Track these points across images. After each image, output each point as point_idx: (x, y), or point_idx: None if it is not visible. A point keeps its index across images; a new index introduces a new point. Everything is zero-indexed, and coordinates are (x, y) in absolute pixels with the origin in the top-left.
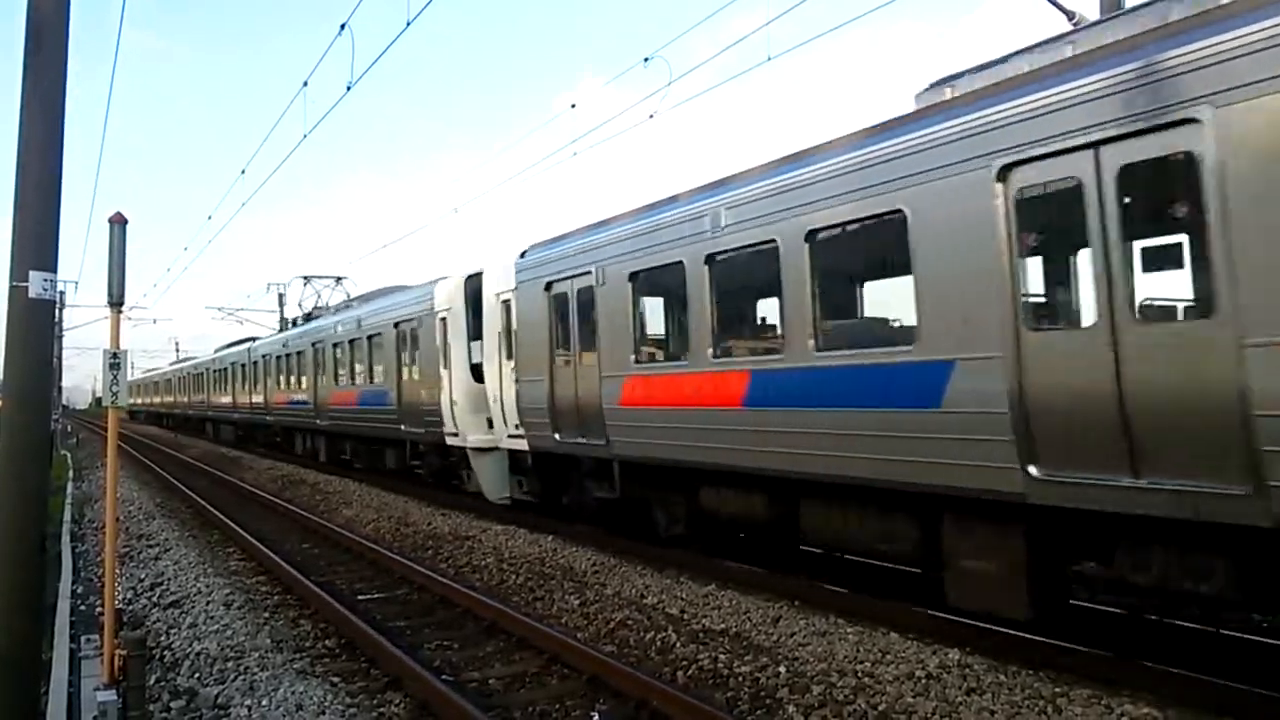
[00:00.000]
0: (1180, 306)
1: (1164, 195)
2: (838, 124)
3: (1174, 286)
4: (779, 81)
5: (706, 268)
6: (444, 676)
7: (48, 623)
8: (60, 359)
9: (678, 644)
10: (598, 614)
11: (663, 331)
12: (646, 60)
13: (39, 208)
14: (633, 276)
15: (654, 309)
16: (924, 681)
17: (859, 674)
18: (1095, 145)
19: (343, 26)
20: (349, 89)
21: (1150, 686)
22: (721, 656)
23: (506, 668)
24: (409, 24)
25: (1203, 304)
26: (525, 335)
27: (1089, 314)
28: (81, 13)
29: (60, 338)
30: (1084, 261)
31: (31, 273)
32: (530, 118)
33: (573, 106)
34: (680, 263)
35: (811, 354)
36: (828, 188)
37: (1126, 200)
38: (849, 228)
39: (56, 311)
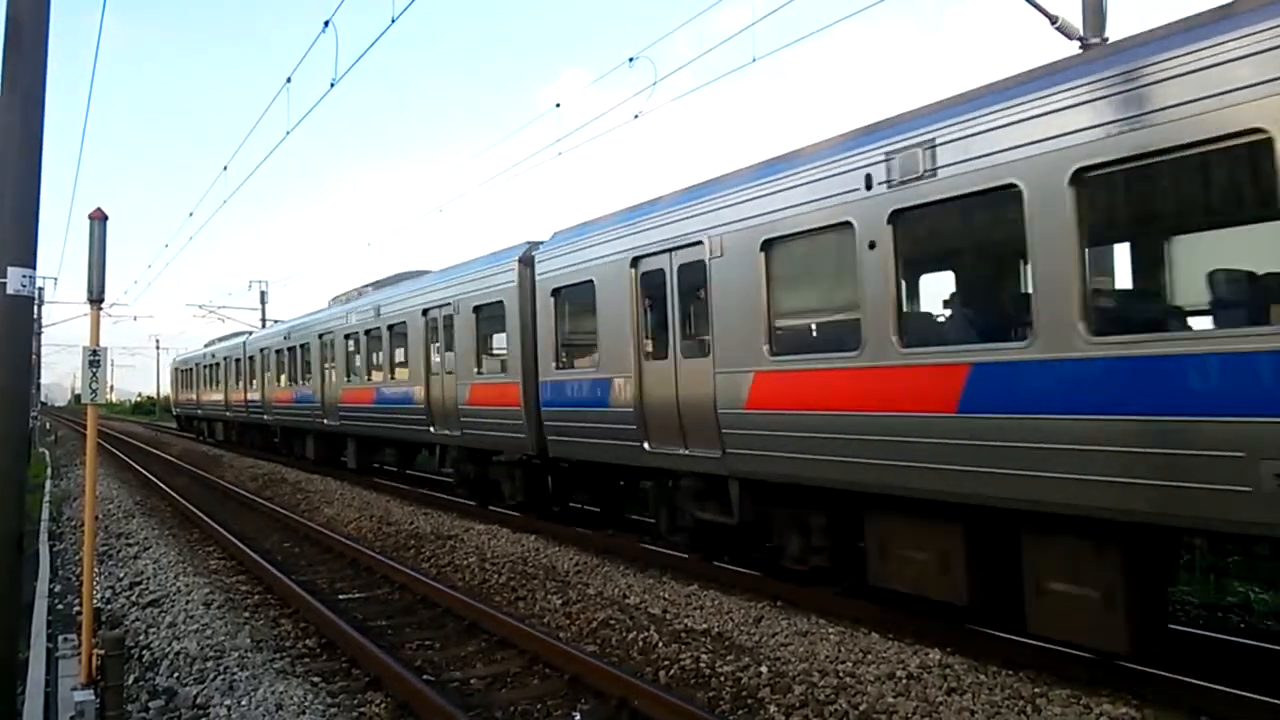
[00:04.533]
0: (699, 350)
1: (696, 282)
2: (825, 123)
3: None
4: (763, 82)
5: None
6: (425, 676)
7: (25, 622)
8: (39, 356)
9: (660, 644)
10: (580, 614)
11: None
12: (631, 60)
13: (18, 203)
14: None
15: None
16: (905, 681)
17: (840, 674)
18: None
19: (326, 23)
20: (333, 85)
21: (1129, 687)
22: (703, 656)
23: (488, 667)
24: (394, 21)
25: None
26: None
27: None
28: (61, 6)
29: (39, 334)
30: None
31: (10, 268)
32: (514, 114)
33: (557, 106)
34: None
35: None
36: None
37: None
38: None
39: (35, 308)
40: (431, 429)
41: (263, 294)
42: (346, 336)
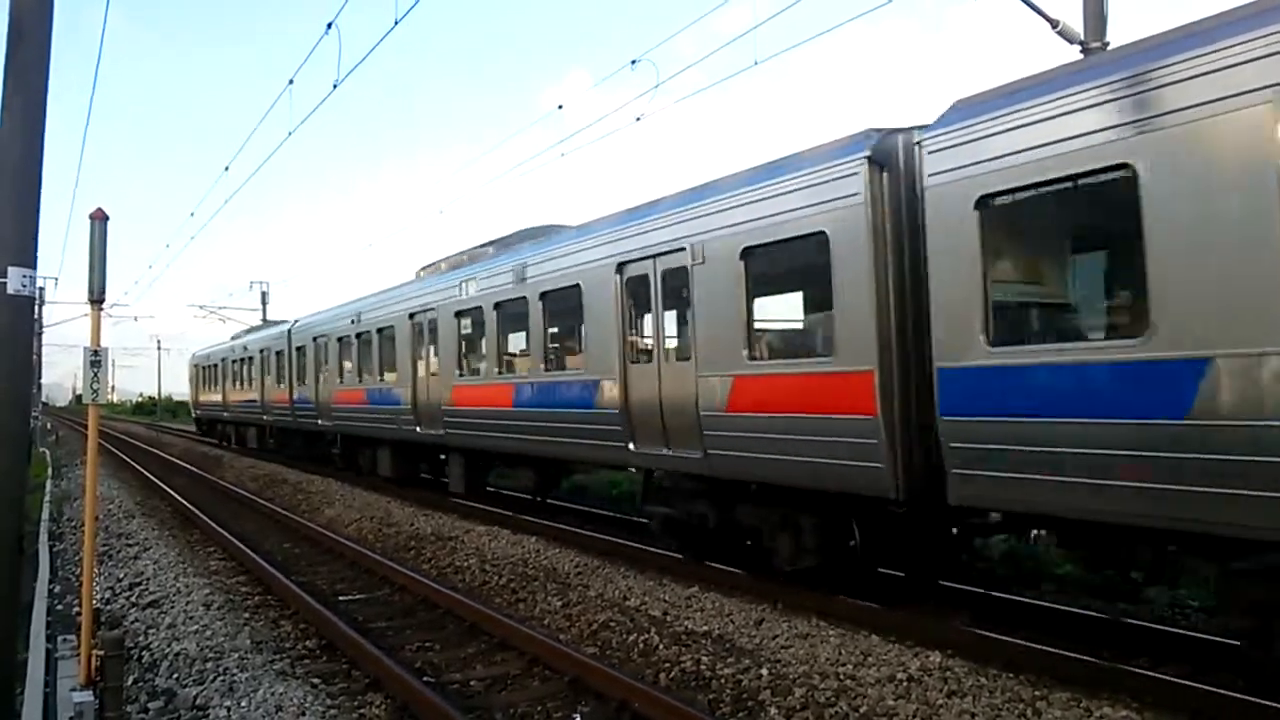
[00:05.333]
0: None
1: (679, 286)
2: (825, 125)
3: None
4: (766, 84)
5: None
6: (425, 678)
7: (24, 622)
8: (40, 356)
9: (660, 646)
10: (580, 616)
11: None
12: (634, 63)
13: (19, 203)
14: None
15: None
16: (905, 684)
17: (841, 676)
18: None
19: (330, 25)
20: (335, 87)
21: (1129, 689)
22: (704, 659)
23: (488, 669)
24: (396, 23)
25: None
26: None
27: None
28: (64, 6)
29: (40, 334)
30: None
31: (11, 268)
32: (517, 115)
33: (560, 108)
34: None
35: None
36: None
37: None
38: None
39: (36, 308)
40: (631, 445)
41: (264, 294)
42: (460, 314)
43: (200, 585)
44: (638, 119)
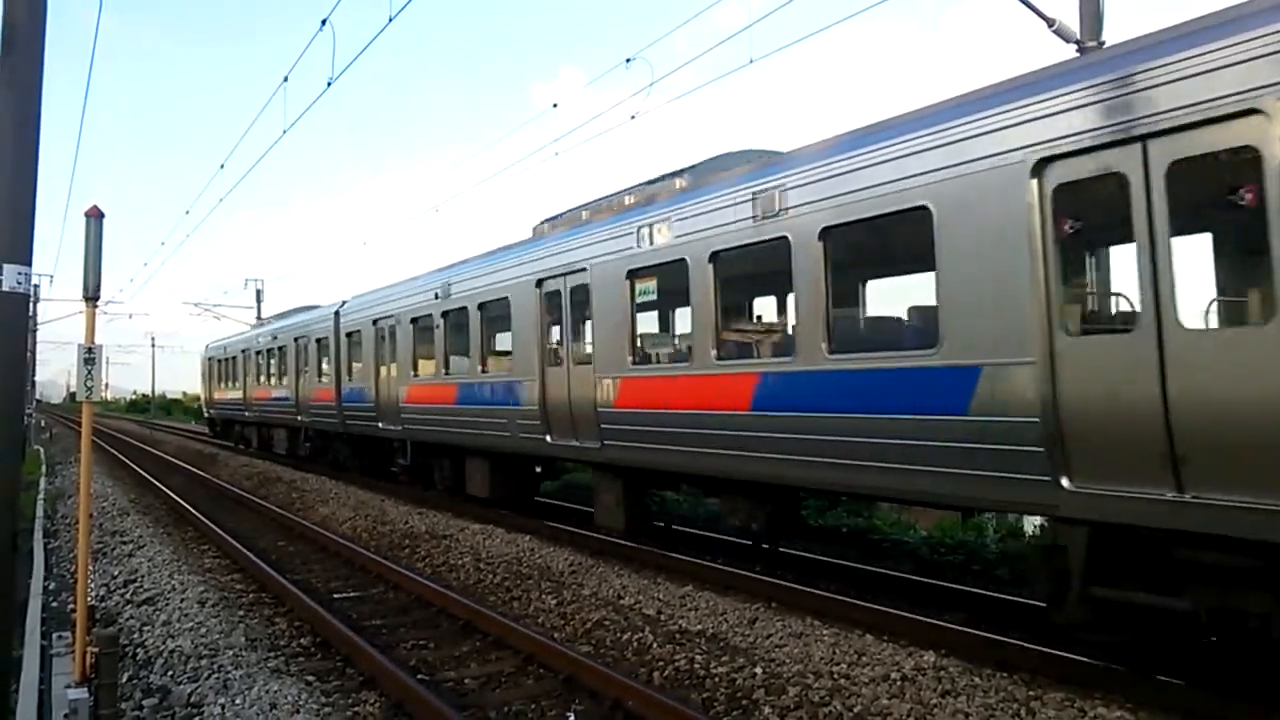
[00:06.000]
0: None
1: (583, 300)
2: (820, 124)
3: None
4: (761, 82)
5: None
6: (419, 676)
7: (19, 619)
8: (34, 353)
9: (654, 644)
10: (574, 614)
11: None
12: (628, 61)
13: (14, 200)
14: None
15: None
16: (899, 683)
17: (835, 675)
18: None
19: (324, 22)
20: (330, 84)
21: (1123, 690)
22: (698, 657)
23: (482, 667)
24: (391, 20)
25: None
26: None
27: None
28: (58, 3)
29: (35, 331)
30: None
31: (6, 266)
32: (511, 114)
33: (554, 106)
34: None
35: None
36: None
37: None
38: None
39: (31, 305)
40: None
41: (258, 292)
42: (636, 274)
43: (195, 583)
44: (632, 117)
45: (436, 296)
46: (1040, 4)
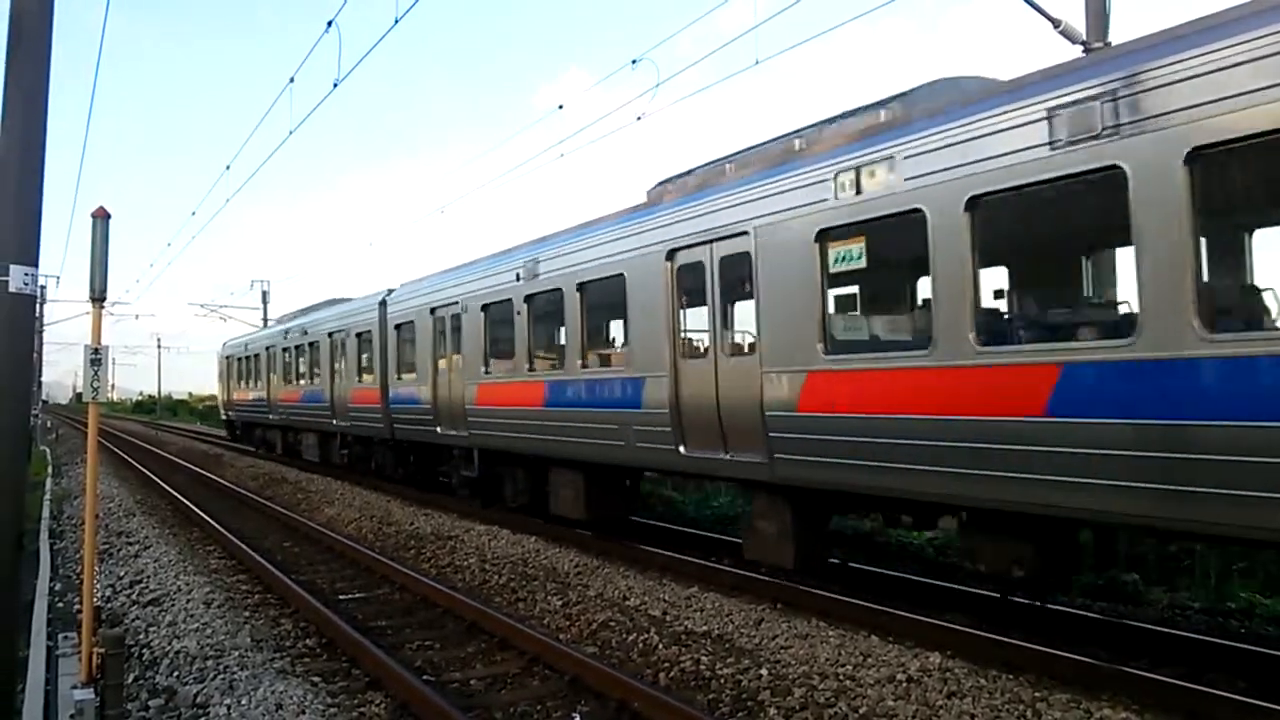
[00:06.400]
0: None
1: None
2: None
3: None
4: (766, 83)
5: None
6: (425, 677)
7: (25, 620)
8: (41, 354)
9: (660, 646)
10: (580, 615)
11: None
12: (634, 62)
13: (21, 201)
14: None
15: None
16: (905, 685)
17: (840, 677)
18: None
19: (330, 23)
20: (336, 86)
21: (1129, 691)
22: (703, 659)
23: (487, 668)
24: (397, 21)
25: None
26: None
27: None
28: (64, 3)
29: (41, 333)
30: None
31: (13, 267)
32: (517, 115)
33: (560, 107)
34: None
35: None
36: None
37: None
38: None
39: (37, 306)
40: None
41: (264, 293)
42: (825, 235)
43: (200, 583)
44: (638, 118)
45: (518, 278)
46: (1047, 6)
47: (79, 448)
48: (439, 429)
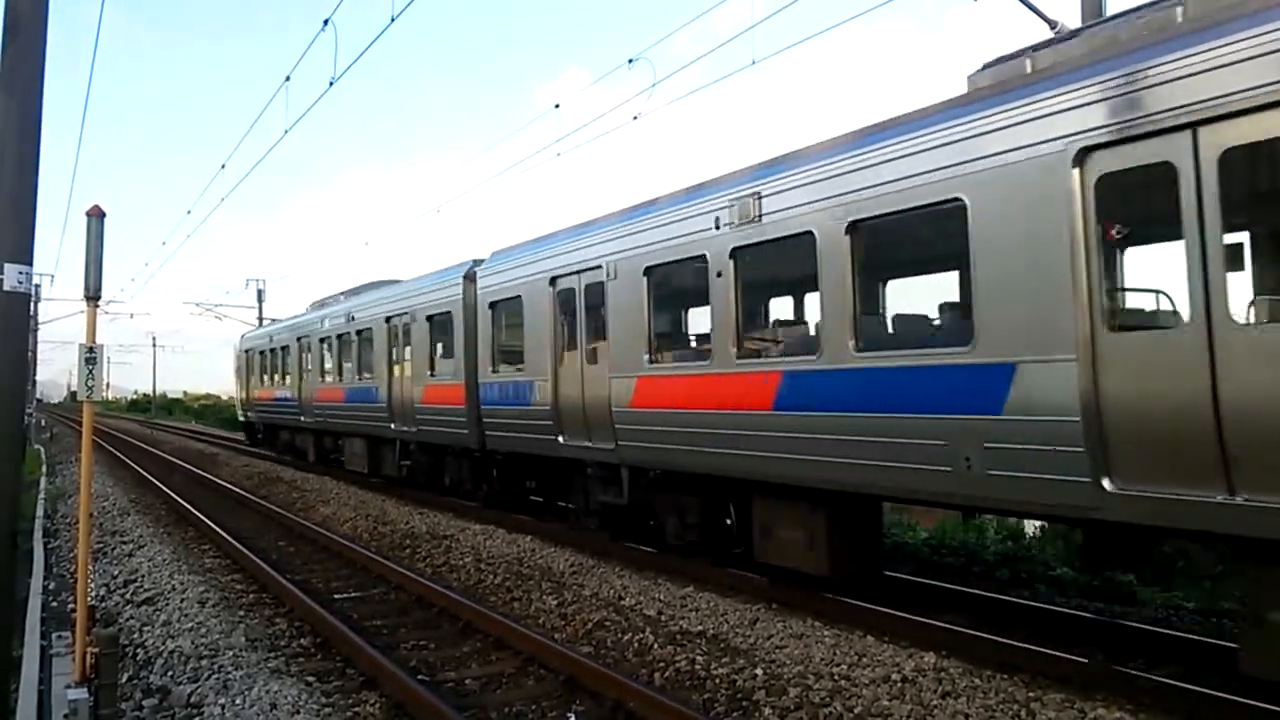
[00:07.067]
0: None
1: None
2: (821, 125)
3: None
4: (763, 83)
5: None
6: (420, 676)
7: (18, 619)
8: (35, 353)
9: (655, 645)
10: (575, 615)
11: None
12: (631, 62)
13: (16, 199)
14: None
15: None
16: (899, 685)
17: (835, 677)
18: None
19: (326, 22)
20: (332, 84)
21: (1124, 691)
22: (699, 658)
23: (483, 668)
24: (393, 19)
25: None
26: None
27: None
28: (59, 2)
29: (35, 331)
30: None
31: (7, 265)
32: (513, 114)
33: (556, 106)
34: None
35: None
36: None
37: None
38: None
39: (32, 304)
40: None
41: (260, 292)
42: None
43: (195, 583)
44: (635, 118)
45: (717, 226)
46: (1043, 6)
47: (73, 446)
48: (562, 438)
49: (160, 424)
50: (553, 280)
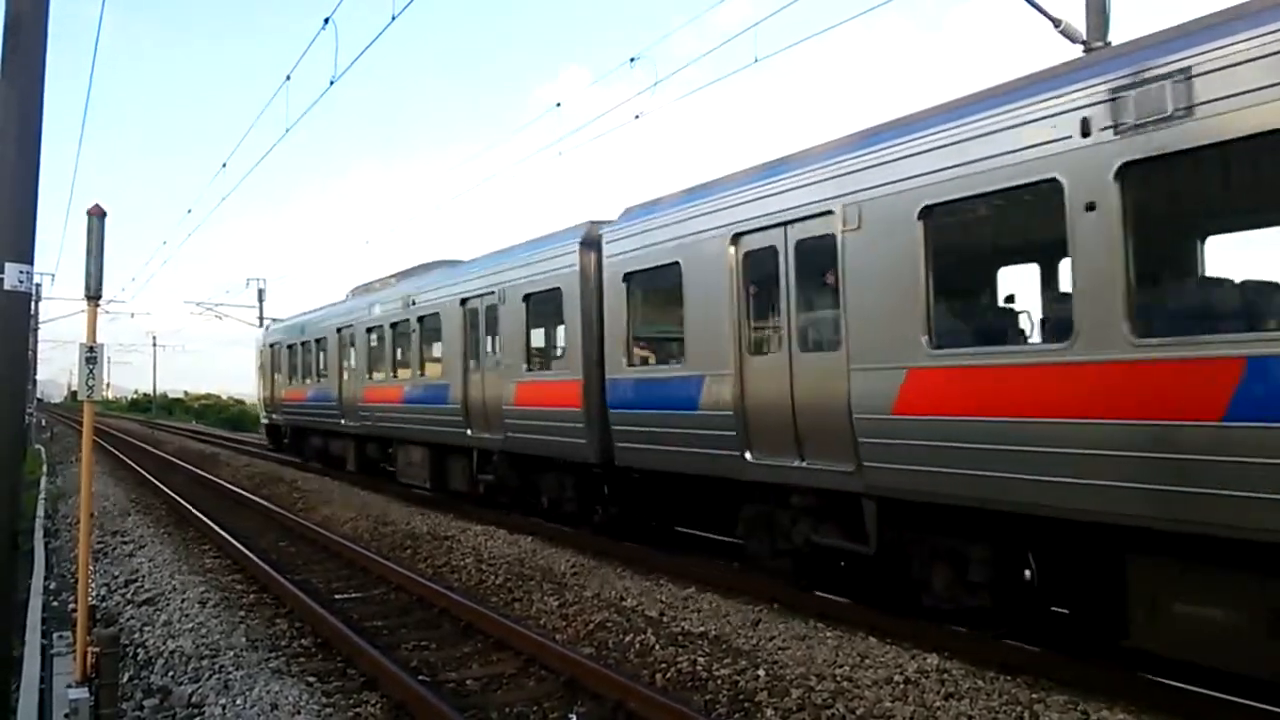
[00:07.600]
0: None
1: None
2: (824, 124)
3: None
4: (766, 81)
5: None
6: (421, 677)
7: (19, 618)
8: (36, 352)
9: (657, 646)
10: (576, 615)
11: None
12: (633, 60)
13: (16, 199)
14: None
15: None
16: (902, 686)
17: (838, 678)
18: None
19: (327, 20)
20: (332, 83)
21: (1126, 693)
22: (700, 659)
23: (484, 668)
24: (394, 18)
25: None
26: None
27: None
28: (59, 1)
29: (36, 330)
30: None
31: (8, 264)
32: (514, 113)
33: (558, 105)
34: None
35: None
36: None
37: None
38: None
39: (33, 304)
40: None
41: (260, 291)
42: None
43: (196, 583)
44: (637, 116)
45: (1085, 131)
46: (1047, 5)
47: (74, 446)
48: (750, 454)
49: (161, 424)
50: (736, 238)
